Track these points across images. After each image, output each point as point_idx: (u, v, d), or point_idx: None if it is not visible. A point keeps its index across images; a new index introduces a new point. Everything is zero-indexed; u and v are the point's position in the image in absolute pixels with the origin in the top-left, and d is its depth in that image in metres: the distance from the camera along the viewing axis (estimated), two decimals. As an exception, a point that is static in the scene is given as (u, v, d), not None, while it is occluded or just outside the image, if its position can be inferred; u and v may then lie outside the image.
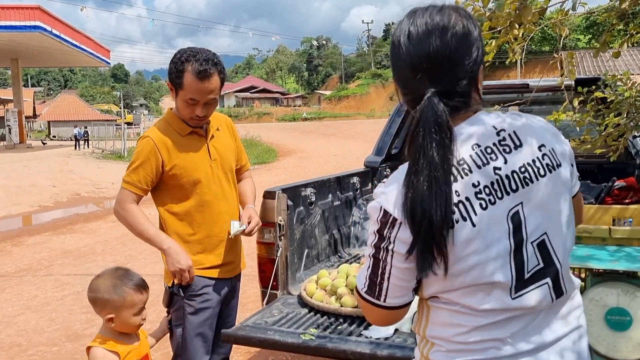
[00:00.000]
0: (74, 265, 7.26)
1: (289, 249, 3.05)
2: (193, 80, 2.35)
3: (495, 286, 1.15)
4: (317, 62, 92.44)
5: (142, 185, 2.45)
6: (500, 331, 1.17)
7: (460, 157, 1.15)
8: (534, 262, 1.17)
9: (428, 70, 1.17)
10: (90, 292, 2.18)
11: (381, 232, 1.16)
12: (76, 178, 17.51)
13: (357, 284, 1.27)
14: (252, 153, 23.38)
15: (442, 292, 1.18)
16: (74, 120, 52.67)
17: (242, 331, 2.51)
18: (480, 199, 1.13)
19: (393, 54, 1.22)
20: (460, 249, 1.12)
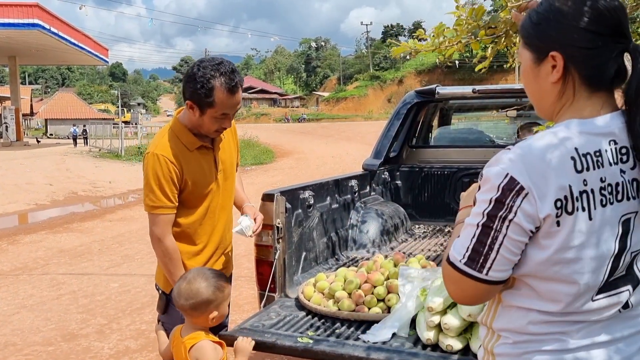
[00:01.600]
0: (70, 265, 7.24)
1: (287, 251, 3.05)
2: (226, 97, 2.28)
3: (584, 286, 1.15)
4: (315, 63, 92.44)
5: (174, 203, 2.40)
6: (569, 326, 1.18)
7: (598, 148, 1.14)
8: (621, 270, 1.19)
9: (626, 22, 1.16)
10: (189, 299, 2.14)
11: (501, 199, 1.12)
12: (73, 176, 17.46)
13: (452, 253, 1.21)
14: (250, 154, 23.37)
15: (530, 275, 1.18)
16: (72, 118, 52.52)
17: (240, 334, 2.50)
18: (603, 195, 1.13)
19: (579, 14, 1.16)
20: (571, 238, 1.12)
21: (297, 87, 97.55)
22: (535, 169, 1.11)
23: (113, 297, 5.82)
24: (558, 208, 1.11)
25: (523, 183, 1.11)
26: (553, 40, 1.19)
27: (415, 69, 68.70)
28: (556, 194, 1.11)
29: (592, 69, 1.17)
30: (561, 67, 1.18)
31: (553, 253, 1.14)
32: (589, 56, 1.16)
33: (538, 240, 1.15)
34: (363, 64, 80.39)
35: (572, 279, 1.15)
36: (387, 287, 2.71)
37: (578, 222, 1.12)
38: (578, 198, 1.11)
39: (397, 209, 4.61)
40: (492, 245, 1.15)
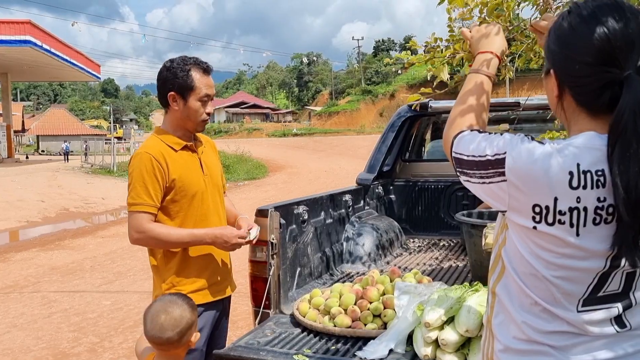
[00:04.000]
0: (61, 282, 7.17)
1: (282, 267, 3.02)
2: (202, 77, 2.44)
3: (563, 291, 1.16)
4: (307, 78, 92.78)
5: (155, 202, 2.38)
6: (564, 340, 1.19)
7: (602, 168, 1.11)
8: (614, 286, 1.17)
9: (624, 52, 1.10)
10: (175, 328, 2.00)
11: (487, 165, 1.19)
12: (65, 193, 17.36)
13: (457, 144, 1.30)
14: (243, 169, 23.35)
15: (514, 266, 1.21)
16: (63, 134, 52.37)
17: (235, 352, 2.47)
18: (598, 214, 1.11)
19: (572, 41, 1.16)
20: (552, 245, 1.14)
21: (289, 101, 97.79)
22: (525, 171, 1.13)
23: (105, 315, 5.76)
24: (536, 213, 1.13)
25: (507, 174, 1.15)
26: (553, 59, 1.22)
27: (407, 83, 69.00)
28: (536, 200, 1.13)
29: (582, 95, 1.17)
30: (556, 85, 1.21)
31: (532, 248, 1.17)
32: (578, 83, 1.17)
33: (515, 231, 1.20)
34: (355, 79, 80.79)
35: (550, 279, 1.16)
36: (383, 302, 2.69)
37: (560, 234, 1.12)
38: (564, 213, 1.11)
39: (392, 223, 4.60)
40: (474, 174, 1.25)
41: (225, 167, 22.11)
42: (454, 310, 2.31)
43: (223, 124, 77.26)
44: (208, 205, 2.52)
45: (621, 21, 1.11)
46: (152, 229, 2.37)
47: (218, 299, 2.57)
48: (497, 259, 1.32)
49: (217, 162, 2.74)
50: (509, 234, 1.24)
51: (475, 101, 1.40)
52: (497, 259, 1.32)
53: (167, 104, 2.46)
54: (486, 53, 1.46)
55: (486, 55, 1.46)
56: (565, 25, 1.18)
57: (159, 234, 2.37)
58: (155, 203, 2.38)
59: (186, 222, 2.46)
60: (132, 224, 2.39)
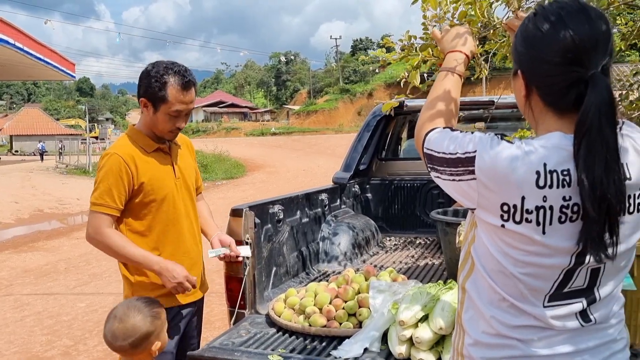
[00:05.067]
0: (34, 285, 7.04)
1: (257, 267, 3.00)
2: (178, 92, 2.33)
3: (529, 287, 1.19)
4: (285, 77, 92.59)
5: (117, 205, 2.34)
6: (529, 334, 1.21)
7: (568, 168, 1.13)
8: (579, 282, 1.20)
9: (589, 52, 1.13)
10: (127, 338, 1.97)
11: (457, 163, 1.21)
12: (39, 194, 17.08)
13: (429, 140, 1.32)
14: (221, 168, 23.20)
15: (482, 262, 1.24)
16: (38, 134, 51.53)
17: (209, 352, 2.45)
18: (564, 213, 1.13)
19: (538, 42, 1.18)
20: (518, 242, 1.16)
21: (267, 100, 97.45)
22: (494, 172, 1.15)
23: (80, 317, 5.67)
24: (504, 212, 1.15)
25: (477, 172, 1.18)
26: (520, 59, 1.25)
27: (384, 82, 69.28)
28: (505, 199, 1.15)
29: (549, 95, 1.19)
30: (524, 85, 1.24)
31: (500, 246, 1.19)
32: (545, 82, 1.19)
33: (484, 229, 1.23)
34: (333, 78, 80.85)
35: (517, 276, 1.18)
36: (358, 301, 2.69)
37: (527, 232, 1.14)
38: (531, 211, 1.13)
39: (368, 222, 4.61)
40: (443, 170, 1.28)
41: (203, 166, 21.95)
42: (428, 308, 2.32)
43: (201, 123, 76.69)
44: (179, 209, 2.49)
45: (585, 23, 1.14)
46: (109, 236, 2.33)
47: (189, 302, 2.55)
48: (466, 256, 1.33)
49: (193, 163, 2.70)
50: (478, 232, 1.26)
51: (446, 100, 1.43)
52: (466, 256, 1.33)
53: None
54: (456, 52, 1.49)
55: (456, 55, 1.49)
56: (531, 27, 1.21)
57: (114, 242, 2.32)
58: (118, 206, 2.34)
59: (155, 225, 2.43)
60: (91, 223, 2.36)
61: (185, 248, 2.52)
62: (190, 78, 2.38)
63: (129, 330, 1.98)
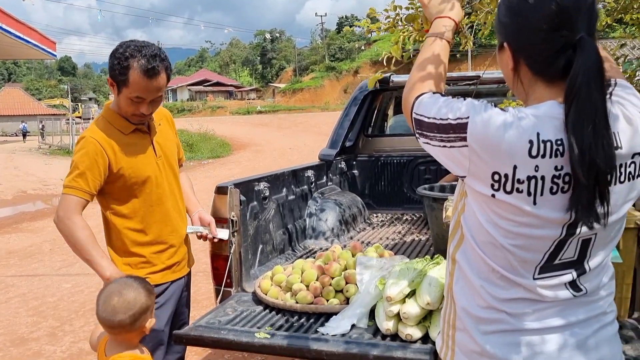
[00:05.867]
0: (19, 266, 6.97)
1: (243, 245, 2.98)
2: (140, 78, 2.20)
3: (520, 258, 1.17)
4: (270, 55, 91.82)
5: (91, 189, 2.27)
6: (520, 307, 1.20)
7: (561, 137, 1.11)
8: (569, 254, 1.19)
9: (574, 16, 1.13)
10: (128, 311, 1.92)
11: (448, 130, 1.17)
12: (22, 175, 16.87)
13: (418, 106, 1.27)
14: (206, 147, 23.04)
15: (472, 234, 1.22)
16: (20, 114, 50.78)
17: (195, 331, 2.43)
18: (555, 183, 1.12)
19: (524, 9, 1.17)
20: (509, 212, 1.14)
21: (253, 79, 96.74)
22: (486, 140, 1.13)
23: (65, 298, 5.63)
24: (495, 181, 1.13)
25: (469, 139, 1.14)
26: (502, 32, 1.24)
27: (370, 59, 68.91)
28: (496, 168, 1.12)
29: (537, 62, 1.18)
30: (511, 57, 1.22)
31: (491, 217, 1.17)
32: (533, 51, 1.18)
33: (474, 199, 1.20)
34: (318, 55, 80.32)
35: (507, 248, 1.17)
36: (345, 277, 2.67)
37: (518, 202, 1.13)
38: (522, 181, 1.11)
39: (355, 199, 4.59)
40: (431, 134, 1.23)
41: (189, 145, 21.78)
42: (415, 283, 2.31)
43: (186, 103, 76.01)
44: (163, 189, 2.45)
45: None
46: (76, 223, 2.24)
47: (178, 278, 2.54)
48: (456, 226, 1.31)
49: (173, 137, 2.64)
50: (468, 202, 1.24)
51: (435, 65, 1.38)
52: (456, 226, 1.31)
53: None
54: (444, 18, 1.43)
55: (444, 21, 1.43)
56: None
57: (75, 232, 2.24)
58: (91, 190, 2.28)
59: (139, 207, 2.39)
60: (61, 205, 2.28)
61: (172, 227, 2.49)
62: (156, 64, 2.22)
63: (130, 303, 1.95)
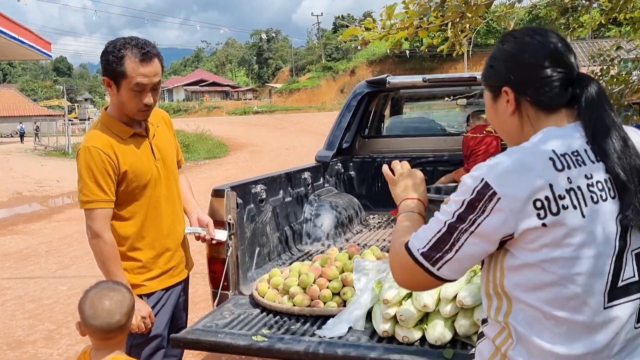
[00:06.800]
0: (15, 269, 6.95)
1: (240, 247, 2.98)
2: (136, 64, 2.21)
3: (586, 287, 1.14)
4: (267, 55, 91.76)
5: (110, 196, 2.28)
6: (583, 345, 1.16)
7: (576, 149, 1.19)
8: (629, 273, 1.18)
9: (568, 56, 1.28)
10: (122, 309, 1.93)
11: (474, 203, 1.16)
12: (17, 176, 16.83)
13: (413, 242, 1.25)
14: (203, 148, 23.02)
15: (527, 287, 1.18)
16: (15, 115, 50.65)
17: (192, 335, 2.43)
18: (592, 192, 1.15)
19: (528, 51, 1.28)
20: (564, 237, 1.13)
21: (249, 79, 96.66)
22: (505, 173, 1.15)
23: (62, 301, 5.61)
24: (539, 208, 1.12)
25: (496, 189, 1.14)
26: (503, 77, 1.31)
27: (367, 59, 69.03)
28: (535, 194, 1.13)
29: (540, 97, 1.26)
30: (513, 99, 1.29)
31: (547, 253, 1.14)
32: (535, 87, 1.27)
33: (526, 246, 1.16)
34: (315, 55, 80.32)
35: (571, 278, 1.14)
36: (342, 280, 2.68)
37: (568, 220, 1.12)
38: (564, 196, 1.13)
39: (351, 200, 4.60)
40: (452, 246, 1.19)
41: (185, 146, 21.73)
42: (412, 286, 2.31)
43: (182, 103, 75.90)
44: (161, 192, 2.44)
45: (553, 36, 1.30)
46: (107, 243, 2.28)
47: (174, 283, 2.53)
48: (492, 296, 1.27)
49: (172, 139, 2.63)
50: (509, 263, 1.20)
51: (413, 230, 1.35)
52: (492, 296, 1.27)
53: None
54: (413, 199, 1.49)
55: (413, 202, 1.48)
56: (510, 47, 1.32)
57: (109, 251, 2.29)
58: (111, 197, 2.29)
59: (137, 211, 2.39)
60: (91, 224, 2.28)
61: (169, 231, 2.49)
62: (150, 49, 2.25)
63: (122, 302, 1.95)
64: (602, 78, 3.63)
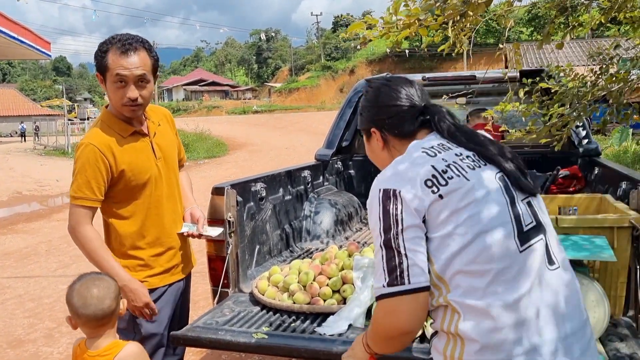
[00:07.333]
0: (15, 268, 6.96)
1: (240, 245, 2.98)
2: (117, 56, 2.23)
3: (502, 236, 1.33)
4: (266, 54, 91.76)
5: (97, 196, 2.29)
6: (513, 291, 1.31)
7: (439, 142, 1.49)
8: (528, 219, 1.40)
9: (415, 93, 1.61)
10: (110, 294, 1.99)
11: (386, 209, 1.35)
12: (17, 176, 16.82)
13: (376, 288, 1.35)
14: (202, 147, 23.00)
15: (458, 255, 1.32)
16: (15, 115, 50.64)
17: (193, 332, 2.43)
18: (467, 163, 1.43)
19: (388, 96, 1.60)
20: (461, 199, 1.34)
21: (248, 78, 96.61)
22: (398, 174, 1.40)
23: (62, 300, 5.60)
24: (431, 186, 1.36)
25: (393, 187, 1.37)
26: (370, 121, 1.64)
27: (366, 58, 69.07)
28: (423, 177, 1.37)
29: (397, 129, 1.58)
30: (379, 137, 1.61)
31: (455, 220, 1.33)
32: (392, 123, 1.58)
33: (437, 223, 1.34)
34: (314, 54, 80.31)
35: (483, 230, 1.32)
36: (342, 278, 2.68)
37: (457, 184, 1.36)
38: (446, 170, 1.39)
39: (351, 198, 4.60)
40: (400, 254, 1.32)
41: (185, 145, 21.32)
42: (411, 283, 2.32)
43: (181, 102, 75.86)
44: (162, 191, 2.45)
45: (399, 79, 1.65)
46: (86, 236, 2.29)
47: (177, 281, 2.54)
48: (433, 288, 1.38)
49: (173, 137, 2.63)
50: (433, 246, 1.36)
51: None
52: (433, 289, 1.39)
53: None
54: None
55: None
56: (369, 96, 1.65)
57: (89, 245, 2.29)
58: (97, 197, 2.29)
59: (138, 210, 2.39)
60: (71, 216, 2.32)
61: (171, 229, 2.50)
62: (132, 42, 2.25)
63: (109, 288, 2.00)
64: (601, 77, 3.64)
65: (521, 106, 3.58)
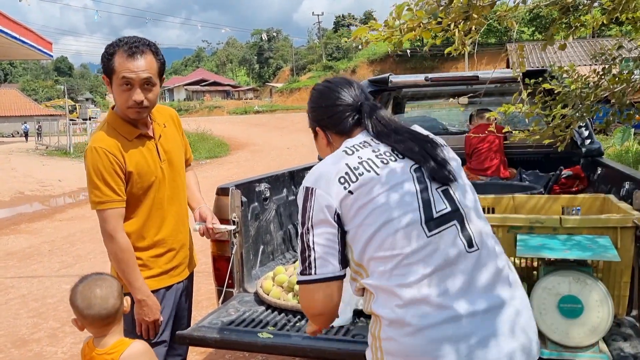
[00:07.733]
0: (18, 268, 6.98)
1: (244, 245, 3.00)
2: (123, 59, 2.24)
3: (408, 223, 1.44)
4: (267, 54, 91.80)
5: (122, 196, 2.30)
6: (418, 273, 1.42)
7: (362, 141, 1.62)
8: (441, 206, 1.50)
9: (351, 94, 1.72)
10: (113, 292, 2.01)
11: (304, 205, 1.50)
12: (19, 176, 16.85)
13: (297, 273, 1.52)
14: (204, 147, 23.02)
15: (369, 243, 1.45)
16: (17, 115, 50.69)
17: (198, 332, 2.45)
18: (381, 158, 1.54)
19: (328, 98, 1.71)
20: (370, 193, 1.47)
21: (250, 78, 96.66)
22: (318, 173, 1.53)
23: (65, 299, 5.60)
24: (343, 183, 1.49)
25: (310, 185, 1.52)
26: (314, 120, 1.76)
27: (367, 58, 69.03)
28: (337, 174, 1.50)
29: (339, 125, 1.69)
30: (323, 135, 1.73)
31: (364, 212, 1.45)
32: (332, 121, 1.70)
33: (350, 217, 1.47)
34: (316, 54, 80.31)
35: (389, 219, 1.44)
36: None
37: (366, 179, 1.48)
38: (358, 167, 1.51)
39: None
40: (309, 248, 1.47)
41: (186, 146, 21.64)
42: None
43: (183, 102, 75.89)
44: (164, 193, 2.45)
45: (339, 80, 1.76)
46: (122, 244, 2.30)
47: (175, 282, 2.55)
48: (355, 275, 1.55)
49: (179, 137, 2.64)
50: (349, 238, 1.50)
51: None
52: (355, 275, 1.55)
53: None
54: None
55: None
56: (313, 97, 1.77)
57: (123, 252, 2.31)
58: (122, 197, 2.31)
59: (140, 212, 2.40)
60: (105, 225, 2.30)
61: (172, 230, 2.50)
62: (139, 45, 2.27)
63: (112, 287, 2.03)
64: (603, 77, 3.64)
65: (524, 107, 3.59)
